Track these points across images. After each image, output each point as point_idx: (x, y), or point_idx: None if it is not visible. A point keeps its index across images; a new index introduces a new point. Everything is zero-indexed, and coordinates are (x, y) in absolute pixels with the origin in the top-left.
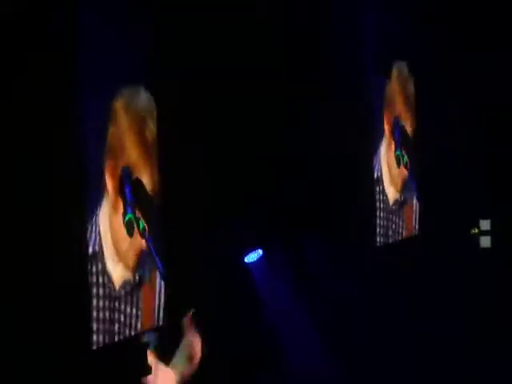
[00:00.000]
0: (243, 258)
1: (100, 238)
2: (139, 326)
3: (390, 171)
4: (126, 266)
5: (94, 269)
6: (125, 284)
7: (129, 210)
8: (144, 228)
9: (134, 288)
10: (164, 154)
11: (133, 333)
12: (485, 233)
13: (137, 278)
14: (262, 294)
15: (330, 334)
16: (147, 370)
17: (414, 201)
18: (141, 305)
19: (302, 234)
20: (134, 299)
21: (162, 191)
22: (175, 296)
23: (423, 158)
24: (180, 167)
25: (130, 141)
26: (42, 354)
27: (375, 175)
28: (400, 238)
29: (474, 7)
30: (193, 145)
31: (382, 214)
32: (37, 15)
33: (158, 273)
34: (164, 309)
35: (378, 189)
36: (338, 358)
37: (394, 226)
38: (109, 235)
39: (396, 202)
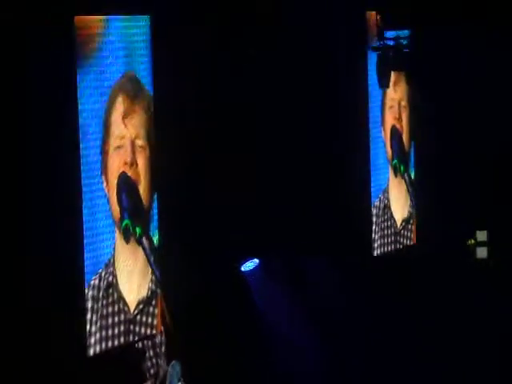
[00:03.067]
0: (240, 267)
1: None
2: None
3: (397, 197)
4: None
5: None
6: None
7: (125, 215)
8: (141, 234)
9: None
10: (161, 160)
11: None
12: (481, 244)
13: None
14: (258, 302)
15: (326, 342)
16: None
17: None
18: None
19: (298, 244)
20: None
21: (159, 198)
22: (171, 304)
23: (420, 169)
24: (177, 175)
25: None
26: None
27: (384, 203)
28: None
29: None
30: (191, 152)
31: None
32: None
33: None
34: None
35: (386, 216)
36: (334, 365)
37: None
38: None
39: (403, 221)
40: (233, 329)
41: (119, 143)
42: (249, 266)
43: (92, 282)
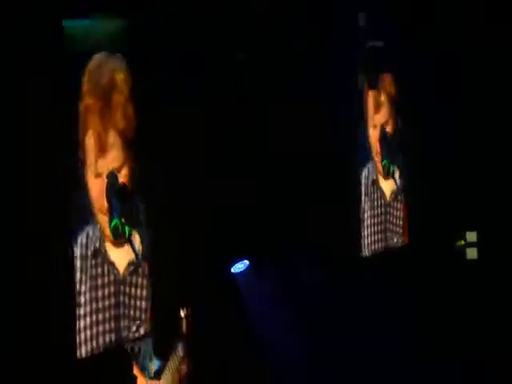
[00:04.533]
0: (230, 268)
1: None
2: None
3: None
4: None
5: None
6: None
7: (115, 215)
8: (130, 233)
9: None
10: (151, 160)
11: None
12: (471, 244)
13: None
14: (248, 304)
15: (317, 344)
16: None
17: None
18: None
19: (288, 245)
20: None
21: (149, 198)
22: (162, 304)
23: (409, 169)
24: (168, 175)
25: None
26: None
27: (372, 178)
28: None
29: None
30: (182, 152)
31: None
32: None
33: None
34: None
35: (374, 187)
36: (325, 367)
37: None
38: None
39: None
40: (223, 330)
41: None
42: (239, 267)
43: (79, 240)
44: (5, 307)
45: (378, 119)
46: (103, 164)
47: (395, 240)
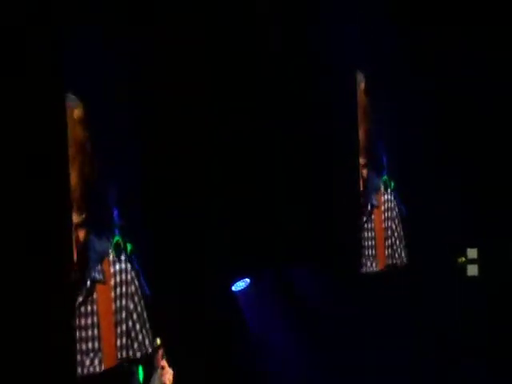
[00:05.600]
0: (231, 286)
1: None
2: None
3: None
4: None
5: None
6: None
7: (116, 232)
8: (132, 251)
9: None
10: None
11: None
12: (472, 261)
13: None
14: (249, 322)
15: (318, 361)
16: None
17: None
18: None
19: (290, 263)
20: None
21: (149, 216)
22: (161, 321)
23: (409, 185)
24: (167, 192)
25: None
26: None
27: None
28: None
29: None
30: (180, 169)
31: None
32: None
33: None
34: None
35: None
36: (324, 381)
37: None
38: None
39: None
40: (225, 348)
41: None
42: (240, 285)
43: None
44: None
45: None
46: None
47: (398, 253)
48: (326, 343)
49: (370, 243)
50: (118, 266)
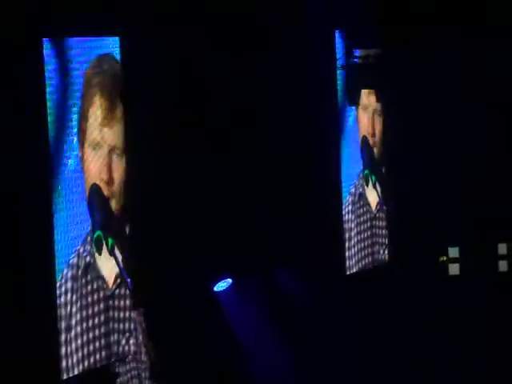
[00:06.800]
0: (213, 287)
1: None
2: None
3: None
4: None
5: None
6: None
7: (97, 227)
8: (113, 245)
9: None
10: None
11: None
12: (453, 260)
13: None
14: (231, 322)
15: (300, 361)
16: None
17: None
18: None
19: (272, 263)
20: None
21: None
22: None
23: (392, 183)
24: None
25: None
26: None
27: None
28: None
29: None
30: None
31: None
32: None
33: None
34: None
35: (360, 203)
36: (310, 382)
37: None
38: None
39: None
40: (207, 349)
41: (96, 152)
42: (222, 286)
43: (71, 261)
44: None
45: (361, 129)
46: (104, 137)
47: (381, 252)
48: (310, 343)
49: (352, 243)
50: None
